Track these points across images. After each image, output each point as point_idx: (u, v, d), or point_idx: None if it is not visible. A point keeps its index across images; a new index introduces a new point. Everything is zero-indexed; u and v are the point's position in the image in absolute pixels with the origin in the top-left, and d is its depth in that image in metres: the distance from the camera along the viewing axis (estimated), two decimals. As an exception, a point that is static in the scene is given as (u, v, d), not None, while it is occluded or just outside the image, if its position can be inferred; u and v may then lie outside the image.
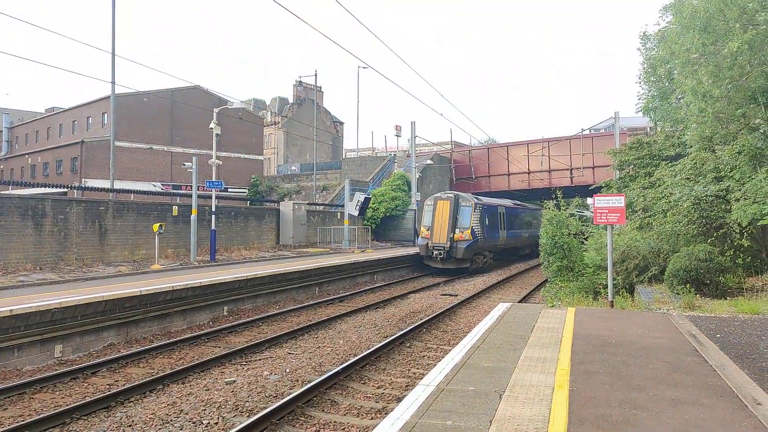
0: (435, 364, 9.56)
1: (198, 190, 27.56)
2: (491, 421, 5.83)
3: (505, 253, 41.00)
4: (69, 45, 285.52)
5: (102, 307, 14.76)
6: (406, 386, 10.84)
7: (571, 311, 12.90)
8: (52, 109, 73.71)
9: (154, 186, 50.56)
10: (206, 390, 10.77)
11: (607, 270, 16.02)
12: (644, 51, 28.59)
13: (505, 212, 38.85)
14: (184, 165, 29.08)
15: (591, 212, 23.11)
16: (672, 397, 6.56)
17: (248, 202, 47.31)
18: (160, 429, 8.93)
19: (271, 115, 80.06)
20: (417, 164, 46.33)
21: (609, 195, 16.04)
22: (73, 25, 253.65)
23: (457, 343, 10.60)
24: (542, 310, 13.14)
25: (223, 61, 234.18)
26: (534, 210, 47.17)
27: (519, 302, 20.58)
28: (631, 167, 27.91)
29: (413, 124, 46.20)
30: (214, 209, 28.53)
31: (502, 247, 38.93)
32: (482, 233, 33.24)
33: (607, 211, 14.71)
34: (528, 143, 51.88)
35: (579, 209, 53.70)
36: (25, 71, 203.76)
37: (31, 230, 22.66)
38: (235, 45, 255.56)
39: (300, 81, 78.35)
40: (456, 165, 55.16)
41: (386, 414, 8.77)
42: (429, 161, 50.13)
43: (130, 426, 9.04)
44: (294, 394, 9.78)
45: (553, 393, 6.77)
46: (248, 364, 12.81)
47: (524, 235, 42.54)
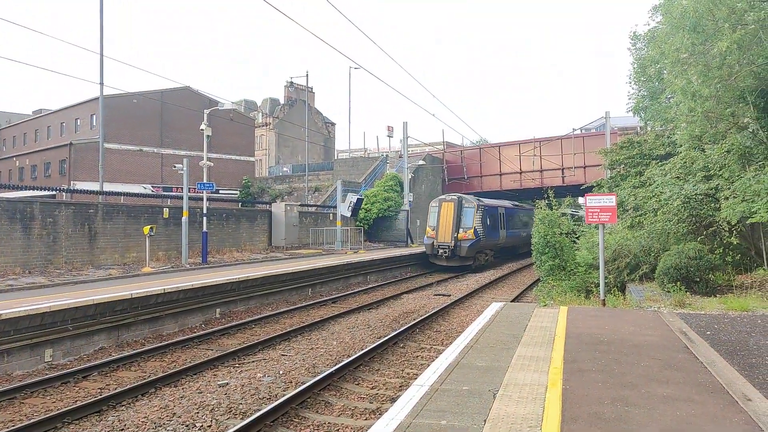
0: (429, 365, 9.58)
1: (189, 192, 27.49)
2: (485, 420, 5.85)
3: (504, 252, 42.07)
4: (57, 46, 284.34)
5: (92, 310, 14.69)
6: (400, 387, 10.86)
7: (564, 310, 12.95)
8: (40, 110, 73.19)
9: (145, 188, 50.35)
10: (199, 393, 10.74)
11: (598, 269, 16.09)
12: (634, 51, 28.75)
13: (505, 213, 40.66)
14: (174, 167, 29.03)
15: (576, 211, 23.19)
16: (664, 394, 6.60)
17: (240, 203, 47.29)
18: (153, 432, 8.91)
19: (262, 116, 79.90)
20: (409, 165, 46.40)
21: (600, 194, 16.09)
22: (61, 26, 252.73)
23: (451, 343, 10.63)
24: (535, 309, 13.19)
25: (213, 63, 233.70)
26: (531, 210, 47.58)
27: (512, 301, 20.60)
28: (622, 166, 27.99)
29: (405, 124, 46.21)
30: (205, 211, 28.46)
31: (502, 246, 40.45)
32: (484, 233, 35.21)
33: (598, 210, 14.77)
34: (520, 143, 51.99)
35: (572, 209, 53.92)
36: (11, 73, 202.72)
37: (19, 233, 22.52)
38: (225, 46, 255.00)
39: (291, 82, 78.22)
40: (448, 165, 55.24)
41: (380, 414, 8.79)
42: (421, 162, 50.18)
43: (122, 430, 9.01)
44: (287, 396, 9.77)
45: (547, 391, 6.80)
46: (241, 366, 12.79)
47: (522, 235, 43.24)
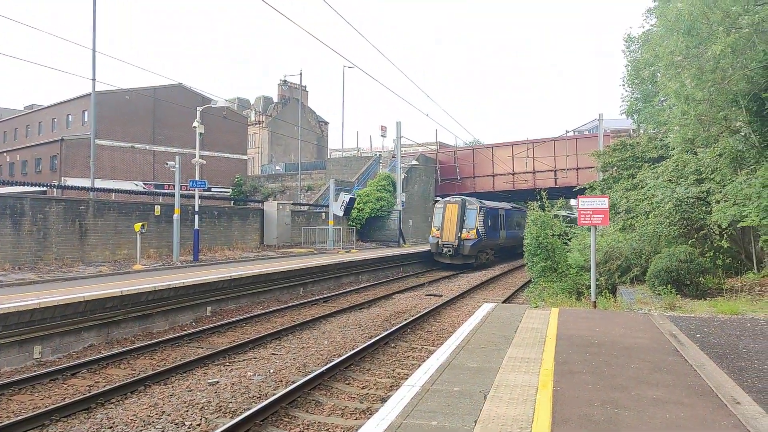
0: (420, 365, 9.57)
1: (181, 189, 27.38)
2: (476, 421, 5.84)
3: (504, 251, 43.06)
4: (50, 41, 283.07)
5: (82, 307, 14.63)
6: (391, 386, 10.85)
7: (555, 312, 12.96)
8: (32, 106, 72.86)
9: (136, 185, 50.16)
10: (189, 391, 10.71)
11: (590, 271, 16.11)
12: (628, 53, 28.86)
13: (505, 214, 42.68)
14: (166, 164, 28.88)
15: (571, 213, 23.25)
16: (654, 397, 6.61)
17: (232, 201, 47.11)
18: (141, 430, 8.87)
19: (255, 114, 79.77)
20: (402, 165, 46.45)
21: (593, 196, 16.13)
22: (54, 21, 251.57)
23: (442, 343, 10.62)
24: (526, 311, 13.19)
25: (207, 61, 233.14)
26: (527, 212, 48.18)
27: (503, 302, 20.62)
28: (614, 169, 28.08)
29: (398, 124, 46.26)
30: (197, 209, 28.37)
31: (502, 246, 42.09)
32: (485, 233, 37.39)
33: (591, 213, 14.80)
34: (513, 144, 52.07)
35: (565, 210, 54.03)
36: (3, 67, 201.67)
37: (9, 229, 22.40)
38: (219, 44, 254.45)
39: (285, 80, 78.14)
40: (441, 166, 55.28)
41: (371, 414, 8.78)
42: (414, 162, 50.19)
43: (110, 428, 8.96)
44: (278, 395, 9.74)
45: (537, 393, 6.79)
46: (231, 364, 12.76)
47: (520, 235, 43.79)
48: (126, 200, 31.39)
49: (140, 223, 24.39)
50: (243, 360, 13.15)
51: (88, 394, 10.29)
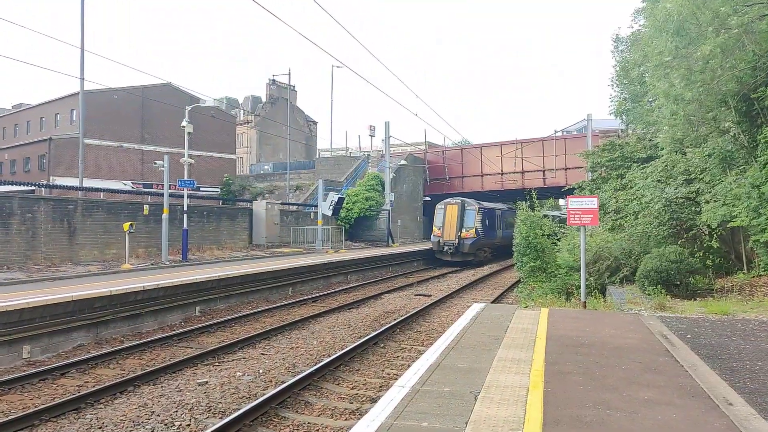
0: (409, 365, 9.55)
1: (170, 189, 27.24)
2: (467, 423, 5.82)
3: (500, 249, 43.86)
4: (38, 39, 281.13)
5: (71, 307, 14.54)
6: (380, 387, 10.81)
7: (545, 312, 12.97)
8: (20, 105, 72.29)
9: (125, 184, 49.81)
10: (178, 391, 10.64)
11: (579, 271, 16.13)
12: (617, 53, 28.94)
13: (501, 214, 44.89)
14: (155, 163, 28.74)
15: (564, 213, 23.28)
16: (645, 398, 6.60)
17: (221, 201, 46.96)
18: (131, 431, 8.80)
19: (243, 113, 79.51)
20: (391, 165, 46.42)
21: (582, 196, 16.15)
22: (43, 19, 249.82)
23: (432, 343, 10.61)
24: (516, 311, 13.20)
25: (196, 60, 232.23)
26: None
27: (492, 302, 20.64)
28: (603, 169, 28.13)
29: (387, 124, 46.20)
30: (186, 208, 28.23)
31: (499, 244, 43.58)
32: (484, 232, 39.77)
33: (580, 213, 14.81)
34: (501, 144, 52.06)
35: (555, 212, 54.16)
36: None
37: (-2, 229, 22.24)
38: (208, 42, 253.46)
39: (273, 80, 77.90)
40: (430, 166, 55.27)
41: (361, 415, 8.74)
42: (403, 162, 50.17)
43: (100, 428, 8.90)
44: (267, 395, 9.70)
45: (528, 394, 6.78)
46: (221, 364, 12.70)
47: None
48: (115, 200, 31.18)
49: (129, 223, 24.24)
50: (232, 360, 13.09)
51: (78, 394, 10.25)
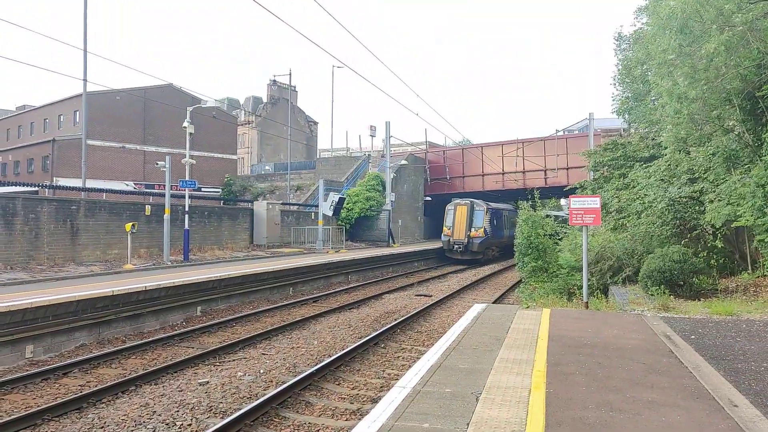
0: (410, 365, 9.50)
1: (171, 189, 27.21)
2: (468, 424, 5.76)
3: (507, 248, 44.13)
4: (42, 42, 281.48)
5: (74, 307, 14.53)
6: (381, 387, 10.76)
7: (546, 312, 12.90)
8: (23, 107, 72.42)
9: (127, 185, 49.84)
10: (179, 391, 10.61)
11: (581, 271, 16.05)
12: (619, 52, 28.84)
13: (508, 214, 46.00)
14: (157, 164, 28.70)
15: (566, 213, 23.21)
16: (648, 399, 6.54)
17: (222, 201, 46.93)
18: (132, 430, 8.78)
19: (244, 114, 79.50)
20: (391, 165, 46.37)
21: (584, 196, 16.05)
22: (45, 21, 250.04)
23: (433, 344, 10.56)
24: (517, 311, 13.13)
25: (196, 60, 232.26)
26: None
27: (494, 303, 20.60)
28: (605, 168, 28.02)
29: (388, 124, 46.13)
30: (187, 209, 28.19)
31: (506, 243, 44.34)
32: (492, 231, 41.58)
33: (582, 212, 14.72)
34: (502, 144, 51.92)
35: (557, 212, 54.16)
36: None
37: (1, 229, 22.21)
38: (210, 43, 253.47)
39: (274, 80, 77.89)
40: (431, 165, 55.16)
41: (361, 415, 8.69)
42: (404, 161, 50.08)
43: (102, 428, 8.89)
44: (268, 396, 9.67)
45: (530, 395, 6.72)
46: (222, 364, 12.67)
47: None
48: (117, 200, 31.17)
49: (131, 223, 24.22)
50: (233, 360, 13.06)
51: (80, 394, 10.25)
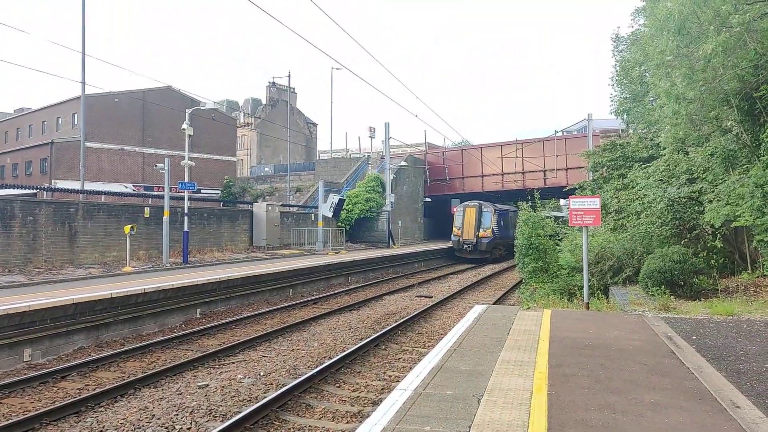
0: (411, 367, 9.47)
1: (170, 191, 27.20)
2: (470, 427, 5.73)
3: (513, 247, 44.30)
4: (39, 44, 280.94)
5: (72, 310, 14.48)
6: (382, 389, 10.73)
7: (547, 313, 12.87)
8: (22, 109, 72.37)
9: (126, 187, 49.80)
10: (179, 394, 10.57)
11: (581, 271, 16.03)
12: (617, 53, 28.82)
13: (513, 215, 46.28)
14: (156, 166, 28.70)
15: (566, 213, 23.19)
16: (651, 401, 6.51)
17: (221, 203, 46.96)
18: (130, 435, 8.73)
19: (244, 116, 79.51)
20: (391, 166, 46.38)
21: (584, 196, 16.04)
22: (44, 23, 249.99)
23: (433, 345, 10.53)
24: (518, 312, 13.10)
25: (196, 62, 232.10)
26: None
27: (494, 304, 20.57)
28: (604, 169, 28.04)
29: (387, 125, 46.12)
30: (186, 211, 28.18)
31: (511, 243, 46.47)
32: (499, 232, 43.33)
33: (582, 213, 14.71)
34: (502, 145, 52.00)
35: (556, 212, 54.24)
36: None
37: (-1, 232, 22.19)
38: (209, 44, 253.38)
39: (273, 82, 77.91)
40: (430, 167, 55.20)
41: (362, 418, 8.67)
42: (403, 163, 50.11)
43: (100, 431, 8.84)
44: (268, 398, 9.62)
45: (532, 397, 6.69)
46: (221, 367, 12.62)
47: None
48: (115, 202, 31.15)
49: (130, 225, 24.20)
50: (233, 362, 13.01)
51: (79, 398, 10.17)
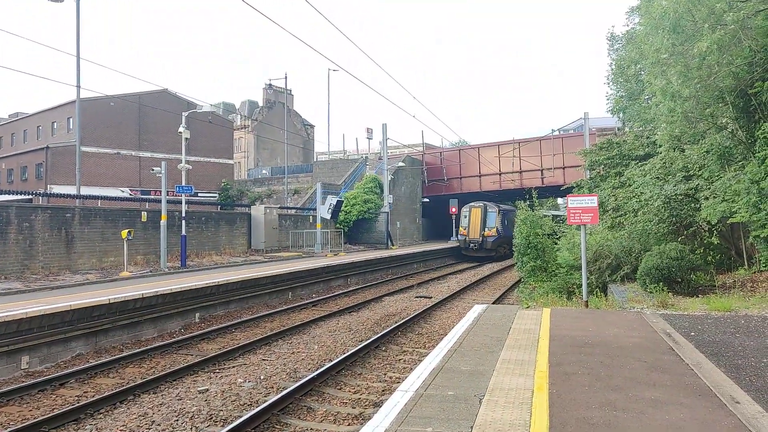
0: (412, 368, 9.47)
1: (167, 195, 27.17)
2: (472, 427, 5.74)
3: None
4: (33, 48, 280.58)
5: (69, 316, 14.44)
6: (383, 391, 10.74)
7: (547, 312, 12.89)
8: (16, 114, 72.07)
9: (122, 192, 49.65)
10: (179, 399, 10.56)
11: (580, 269, 16.05)
12: (612, 52, 28.89)
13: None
14: (152, 170, 28.66)
15: (564, 212, 23.21)
16: (651, 398, 6.53)
17: (219, 206, 46.89)
18: (131, 441, 8.72)
19: (240, 118, 79.51)
20: (389, 167, 46.43)
21: (582, 195, 16.08)
22: (37, 27, 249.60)
23: (434, 346, 10.54)
24: (518, 311, 13.11)
25: (192, 65, 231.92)
26: None
27: (493, 303, 20.59)
28: (601, 167, 28.07)
29: (384, 126, 46.14)
30: (184, 214, 28.15)
31: None
32: (503, 231, 44.64)
33: (580, 211, 14.73)
34: (499, 145, 52.08)
35: (554, 211, 54.32)
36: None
37: (-5, 239, 22.15)
38: (205, 47, 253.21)
39: (270, 84, 77.91)
40: (428, 167, 55.26)
41: (364, 420, 8.69)
42: (401, 163, 50.12)
43: (100, 439, 8.83)
44: (269, 402, 9.62)
45: (533, 396, 6.70)
46: (221, 371, 12.61)
47: None
48: (112, 207, 31.07)
49: (127, 230, 24.17)
50: (233, 366, 13.00)
51: (77, 405, 10.14)
